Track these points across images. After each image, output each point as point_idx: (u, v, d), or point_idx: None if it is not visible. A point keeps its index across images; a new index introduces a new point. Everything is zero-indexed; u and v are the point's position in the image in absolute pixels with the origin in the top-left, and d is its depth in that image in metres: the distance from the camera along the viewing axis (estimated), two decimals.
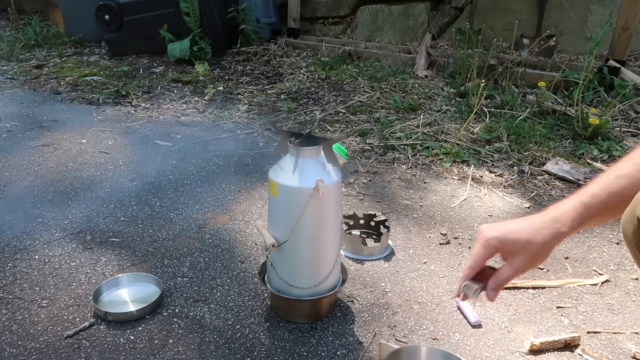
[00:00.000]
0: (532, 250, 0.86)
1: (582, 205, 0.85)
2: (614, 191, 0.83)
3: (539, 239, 0.86)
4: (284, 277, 1.28)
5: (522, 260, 0.88)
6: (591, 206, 0.84)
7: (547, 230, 0.86)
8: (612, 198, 0.83)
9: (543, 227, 0.86)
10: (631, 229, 0.99)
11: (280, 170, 1.23)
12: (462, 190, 2.12)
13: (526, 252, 0.87)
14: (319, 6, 5.01)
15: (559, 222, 0.86)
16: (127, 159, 2.34)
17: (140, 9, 4.05)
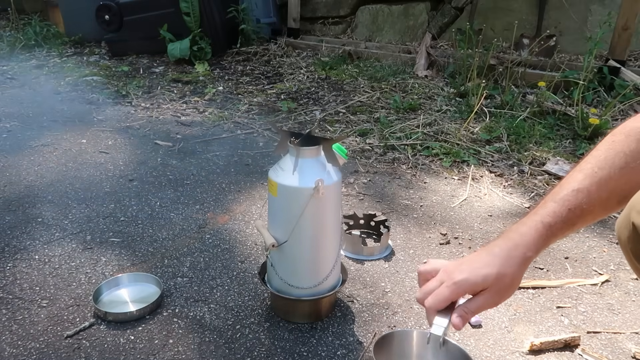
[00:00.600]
0: (504, 282, 0.84)
1: (543, 225, 0.83)
2: (573, 207, 0.82)
3: (508, 270, 0.84)
4: (284, 277, 1.28)
5: (494, 294, 0.85)
6: (552, 225, 0.83)
7: (514, 260, 0.84)
8: (572, 214, 0.83)
9: (509, 256, 0.84)
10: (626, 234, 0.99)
11: (280, 170, 1.23)
12: (462, 190, 2.12)
13: (497, 285, 0.84)
14: (319, 6, 5.01)
15: (524, 247, 0.84)
16: (127, 159, 2.34)
17: (140, 9, 4.05)
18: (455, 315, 0.86)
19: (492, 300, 0.85)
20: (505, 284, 0.84)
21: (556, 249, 1.72)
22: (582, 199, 0.83)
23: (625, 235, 1.00)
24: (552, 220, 0.83)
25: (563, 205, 0.83)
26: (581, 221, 0.85)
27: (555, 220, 0.83)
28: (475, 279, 0.84)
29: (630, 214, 0.97)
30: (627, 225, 0.98)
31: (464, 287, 0.85)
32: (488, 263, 0.84)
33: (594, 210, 0.84)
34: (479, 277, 0.84)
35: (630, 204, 0.98)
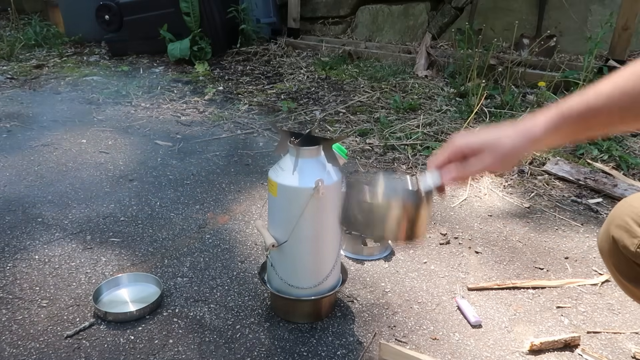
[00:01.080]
0: (502, 148, 0.84)
1: (558, 114, 0.82)
2: (592, 106, 0.80)
3: (510, 137, 0.84)
4: (284, 277, 1.27)
5: (491, 158, 0.85)
6: (567, 116, 0.82)
7: (519, 131, 0.84)
8: (590, 112, 0.81)
9: (515, 131, 0.85)
10: (607, 247, 1.00)
11: (280, 170, 1.23)
12: (462, 190, 2.12)
13: (496, 150, 0.85)
14: (319, 6, 5.01)
15: (533, 124, 0.84)
16: (127, 159, 2.34)
17: (140, 9, 4.05)
18: (449, 175, 0.88)
19: (489, 163, 0.85)
20: (504, 149, 0.84)
21: (556, 249, 1.72)
22: (603, 100, 0.80)
23: (606, 248, 1.00)
24: (567, 110, 0.82)
25: (582, 101, 0.81)
26: (596, 122, 0.82)
27: (571, 111, 0.82)
28: (474, 138, 0.86)
29: (610, 228, 0.98)
30: (607, 239, 0.99)
31: (459, 144, 0.87)
32: (491, 132, 0.86)
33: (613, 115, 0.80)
34: (478, 137, 0.86)
35: (609, 219, 0.99)
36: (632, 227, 0.93)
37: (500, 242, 1.76)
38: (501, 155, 0.85)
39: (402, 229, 0.93)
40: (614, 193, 2.06)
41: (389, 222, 0.93)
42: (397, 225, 0.93)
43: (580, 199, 2.06)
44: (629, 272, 0.96)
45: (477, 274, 1.57)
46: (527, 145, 0.84)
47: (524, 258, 1.66)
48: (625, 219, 0.95)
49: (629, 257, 0.94)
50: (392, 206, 0.92)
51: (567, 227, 1.86)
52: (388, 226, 0.93)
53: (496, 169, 0.88)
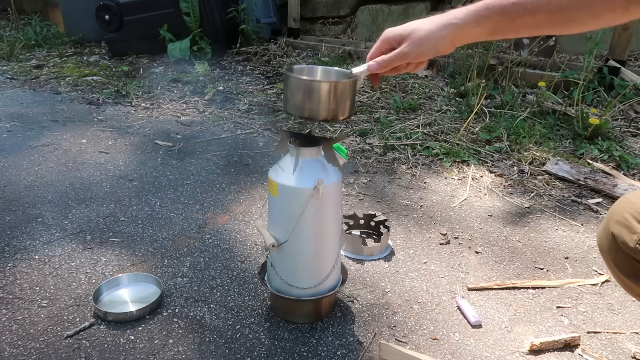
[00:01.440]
0: (418, 35, 0.89)
1: (484, 4, 0.85)
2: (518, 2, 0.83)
3: (426, 26, 0.89)
4: (284, 277, 1.28)
5: (408, 45, 0.91)
6: (491, 7, 0.85)
7: (437, 20, 0.88)
8: (516, 7, 0.83)
9: (435, 18, 0.89)
10: (606, 244, 1.00)
11: (280, 170, 1.23)
12: (462, 190, 2.12)
13: (412, 37, 0.90)
14: (319, 6, 5.01)
15: (453, 14, 0.88)
16: (127, 159, 2.34)
17: (140, 9, 4.05)
18: (373, 60, 0.97)
19: (404, 50, 0.92)
20: (420, 36, 0.90)
21: (556, 249, 1.72)
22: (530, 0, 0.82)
23: (605, 245, 1.01)
24: (493, 2, 0.85)
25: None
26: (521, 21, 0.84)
27: (495, 3, 0.84)
28: (396, 29, 0.93)
29: (609, 224, 0.98)
30: (607, 235, 0.99)
31: (387, 35, 0.95)
32: (417, 21, 0.92)
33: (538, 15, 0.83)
34: (399, 28, 0.93)
35: (609, 215, 1.00)
36: (631, 223, 0.93)
37: (500, 242, 1.76)
38: (417, 41, 0.90)
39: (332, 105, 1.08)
40: (614, 193, 2.06)
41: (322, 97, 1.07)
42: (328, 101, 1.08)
43: (580, 199, 2.06)
44: (628, 268, 0.97)
45: (477, 274, 1.57)
46: (445, 31, 0.88)
47: (524, 258, 1.66)
48: (625, 215, 0.95)
49: (628, 253, 0.94)
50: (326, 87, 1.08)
51: (567, 227, 1.86)
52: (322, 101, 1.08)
53: (416, 56, 0.92)
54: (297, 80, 1.11)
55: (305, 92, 1.09)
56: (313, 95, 1.09)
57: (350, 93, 1.10)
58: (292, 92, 1.11)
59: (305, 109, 1.11)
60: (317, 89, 1.08)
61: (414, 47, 0.91)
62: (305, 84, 1.10)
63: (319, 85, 1.09)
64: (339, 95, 1.09)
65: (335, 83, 1.09)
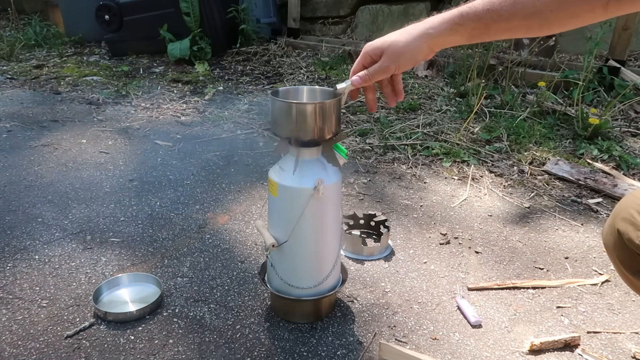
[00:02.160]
0: (396, 47, 0.92)
1: (458, 12, 0.87)
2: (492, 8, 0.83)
3: (403, 38, 0.91)
4: (284, 277, 1.28)
5: (387, 58, 0.94)
6: (465, 15, 0.86)
7: (414, 31, 0.91)
8: (489, 14, 0.84)
9: (412, 29, 0.91)
10: (612, 241, 1.00)
11: (280, 170, 1.23)
12: (462, 190, 2.12)
13: (391, 50, 0.93)
14: (319, 6, 5.01)
15: (429, 23, 0.90)
16: (127, 159, 2.34)
17: (140, 9, 4.05)
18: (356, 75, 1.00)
19: (385, 64, 0.95)
20: (398, 48, 0.92)
21: (556, 249, 1.72)
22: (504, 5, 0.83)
23: (611, 242, 1.01)
24: (467, 10, 0.86)
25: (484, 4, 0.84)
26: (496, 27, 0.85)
27: (469, 11, 0.86)
28: (375, 43, 0.96)
29: (615, 221, 0.98)
30: (612, 232, 0.99)
31: (367, 49, 0.97)
32: (394, 34, 0.94)
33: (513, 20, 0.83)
34: (378, 42, 0.95)
35: (615, 212, 0.99)
36: (637, 220, 0.93)
37: (500, 242, 1.76)
38: (397, 54, 0.93)
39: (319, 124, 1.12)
40: (614, 193, 2.06)
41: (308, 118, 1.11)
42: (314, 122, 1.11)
43: (580, 199, 2.06)
44: (633, 265, 0.97)
45: (477, 274, 1.57)
46: (421, 41, 0.90)
47: (524, 258, 1.66)
48: (631, 211, 0.95)
49: (633, 250, 0.94)
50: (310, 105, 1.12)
51: (567, 227, 1.86)
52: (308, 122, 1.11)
53: (396, 68, 0.96)
54: (282, 103, 1.15)
55: (291, 115, 1.13)
56: (299, 117, 1.12)
57: (336, 111, 1.13)
58: (278, 115, 1.15)
59: (292, 130, 1.14)
60: (302, 111, 1.12)
61: (393, 60, 0.94)
62: (291, 106, 1.13)
63: (304, 108, 1.13)
64: (324, 115, 1.12)
65: (321, 104, 1.12)
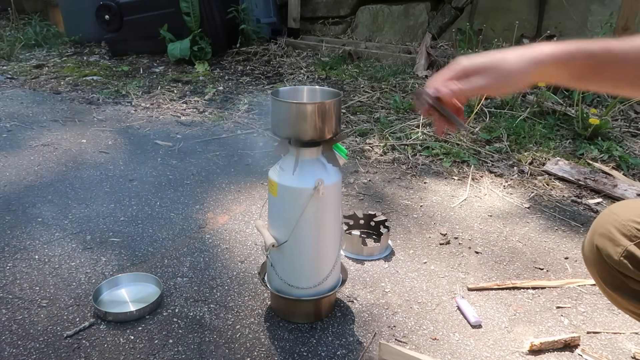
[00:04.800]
0: (504, 69, 0.82)
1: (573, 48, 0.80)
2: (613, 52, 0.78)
3: (513, 58, 0.82)
4: (284, 277, 1.27)
5: (492, 77, 0.83)
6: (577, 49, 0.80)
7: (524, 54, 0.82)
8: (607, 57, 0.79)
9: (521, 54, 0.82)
10: (591, 257, 1.00)
11: (280, 170, 1.23)
12: (462, 191, 2.12)
13: (497, 70, 0.82)
14: (319, 6, 5.01)
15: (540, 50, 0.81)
16: (127, 158, 2.34)
17: (140, 9, 4.05)
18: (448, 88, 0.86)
19: (488, 81, 0.83)
20: (505, 69, 0.82)
21: (556, 249, 1.72)
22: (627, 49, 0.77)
23: (590, 257, 1.00)
24: (579, 45, 0.80)
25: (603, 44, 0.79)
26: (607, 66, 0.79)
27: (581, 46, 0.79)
28: (479, 58, 0.84)
29: (593, 237, 0.98)
30: (591, 248, 0.99)
31: (465, 66, 0.85)
32: (498, 53, 0.83)
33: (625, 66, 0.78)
34: (482, 58, 0.84)
35: (593, 228, 0.99)
36: (615, 236, 0.93)
37: (500, 242, 1.76)
38: (502, 75, 0.82)
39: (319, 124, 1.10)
40: (614, 193, 2.06)
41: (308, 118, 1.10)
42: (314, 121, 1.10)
43: (580, 199, 2.06)
44: (613, 281, 0.96)
45: (477, 274, 1.57)
46: (531, 68, 0.81)
47: (524, 258, 1.66)
48: (609, 227, 0.94)
49: (612, 266, 0.94)
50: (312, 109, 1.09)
51: (567, 227, 1.86)
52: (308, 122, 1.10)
53: (496, 90, 0.86)
54: (282, 103, 1.14)
55: (291, 114, 1.12)
56: (299, 117, 1.11)
57: (336, 111, 1.12)
58: (278, 115, 1.15)
59: (292, 130, 1.14)
60: (302, 111, 1.11)
61: (498, 82, 0.83)
62: (291, 106, 1.12)
63: (304, 108, 1.12)
64: (324, 115, 1.11)
65: (321, 104, 1.12)
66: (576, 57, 0.80)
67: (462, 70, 0.86)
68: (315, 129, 1.13)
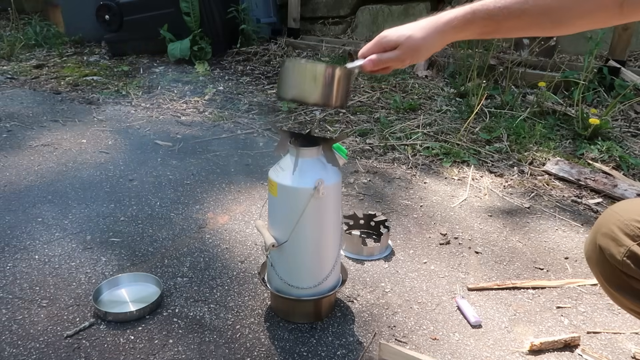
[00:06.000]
0: (413, 42, 0.98)
1: (470, 9, 0.92)
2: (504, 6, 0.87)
3: (420, 34, 0.97)
4: (284, 277, 1.27)
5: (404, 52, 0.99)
6: (477, 12, 0.91)
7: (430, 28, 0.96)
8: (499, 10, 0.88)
9: (427, 25, 0.97)
10: (594, 257, 1.00)
11: (280, 170, 1.23)
12: (462, 190, 2.12)
13: (407, 44, 0.98)
14: (319, 6, 5.01)
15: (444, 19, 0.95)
16: (127, 158, 2.34)
17: (140, 9, 4.05)
18: (367, 59, 1.03)
19: (401, 56, 1.00)
20: (414, 42, 0.98)
21: (556, 249, 1.72)
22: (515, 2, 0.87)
23: (593, 257, 1.01)
24: (479, 7, 0.91)
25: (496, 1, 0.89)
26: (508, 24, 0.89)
27: (481, 8, 0.90)
28: (391, 35, 1.00)
29: (596, 237, 0.98)
30: (594, 248, 0.99)
31: (381, 40, 1.02)
32: (410, 27, 0.99)
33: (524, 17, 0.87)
34: (394, 34, 1.00)
35: (596, 227, 0.99)
36: (618, 235, 0.93)
37: (500, 242, 1.76)
38: (412, 48, 0.98)
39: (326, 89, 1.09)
40: (614, 193, 2.06)
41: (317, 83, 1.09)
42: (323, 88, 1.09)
43: (580, 199, 2.06)
44: (616, 281, 0.96)
45: (477, 274, 1.57)
46: (436, 36, 0.96)
47: (524, 258, 1.66)
48: (611, 227, 0.94)
49: (615, 266, 0.94)
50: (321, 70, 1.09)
51: (567, 227, 1.86)
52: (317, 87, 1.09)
53: (408, 62, 1.03)
54: (293, 63, 1.14)
55: (300, 75, 1.12)
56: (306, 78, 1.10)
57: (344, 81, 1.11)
58: (287, 75, 1.13)
59: (299, 90, 1.11)
60: (311, 71, 1.10)
61: (410, 53, 0.99)
62: (301, 66, 1.13)
63: (314, 68, 1.11)
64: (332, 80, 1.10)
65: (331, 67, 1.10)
66: (475, 21, 0.92)
67: (380, 45, 1.02)
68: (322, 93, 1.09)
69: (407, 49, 0.99)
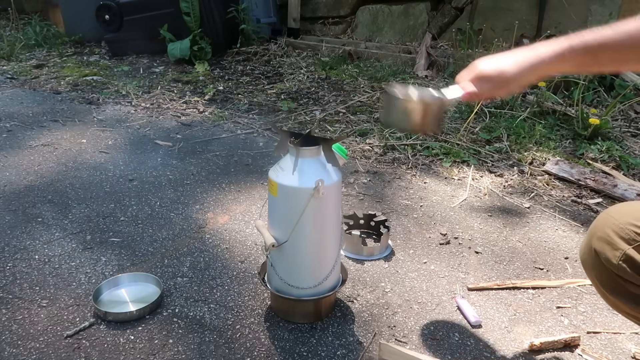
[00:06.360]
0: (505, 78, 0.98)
1: (568, 45, 0.91)
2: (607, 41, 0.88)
3: (511, 69, 0.97)
4: (284, 277, 1.27)
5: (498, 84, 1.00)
6: (574, 46, 0.90)
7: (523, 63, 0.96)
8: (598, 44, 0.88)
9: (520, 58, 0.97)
10: (589, 261, 1.00)
11: (280, 170, 1.23)
12: (462, 191, 2.12)
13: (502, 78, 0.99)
14: (319, 6, 5.01)
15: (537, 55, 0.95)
16: (127, 159, 2.34)
17: (140, 9, 4.05)
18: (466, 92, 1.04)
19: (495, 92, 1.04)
20: (507, 79, 0.99)
21: (556, 249, 1.72)
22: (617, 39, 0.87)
23: (588, 261, 1.01)
24: (577, 42, 0.90)
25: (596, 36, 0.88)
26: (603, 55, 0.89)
27: (579, 43, 0.89)
28: (483, 68, 1.02)
29: (591, 241, 0.98)
30: (590, 252, 0.99)
31: (474, 69, 1.04)
32: (505, 62, 0.99)
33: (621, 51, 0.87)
34: (489, 70, 1.01)
35: (591, 231, 0.99)
36: (613, 239, 0.93)
37: (500, 242, 1.76)
38: (503, 82, 0.99)
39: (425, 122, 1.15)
40: (614, 193, 2.06)
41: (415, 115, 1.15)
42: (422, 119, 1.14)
43: (580, 199, 2.06)
44: (612, 285, 0.96)
45: (477, 274, 1.57)
46: (529, 72, 0.96)
47: (524, 258, 1.66)
48: (607, 231, 0.94)
49: (611, 270, 0.93)
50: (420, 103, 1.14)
51: (567, 227, 1.86)
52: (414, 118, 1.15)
53: (503, 93, 1.06)
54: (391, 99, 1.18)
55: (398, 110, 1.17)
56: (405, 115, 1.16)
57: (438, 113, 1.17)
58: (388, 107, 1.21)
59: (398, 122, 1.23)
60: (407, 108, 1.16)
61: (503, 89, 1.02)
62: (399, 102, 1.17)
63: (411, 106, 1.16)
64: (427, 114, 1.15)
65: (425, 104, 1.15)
66: (572, 58, 0.90)
67: (476, 76, 1.03)
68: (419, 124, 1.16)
69: (500, 84, 1.00)
